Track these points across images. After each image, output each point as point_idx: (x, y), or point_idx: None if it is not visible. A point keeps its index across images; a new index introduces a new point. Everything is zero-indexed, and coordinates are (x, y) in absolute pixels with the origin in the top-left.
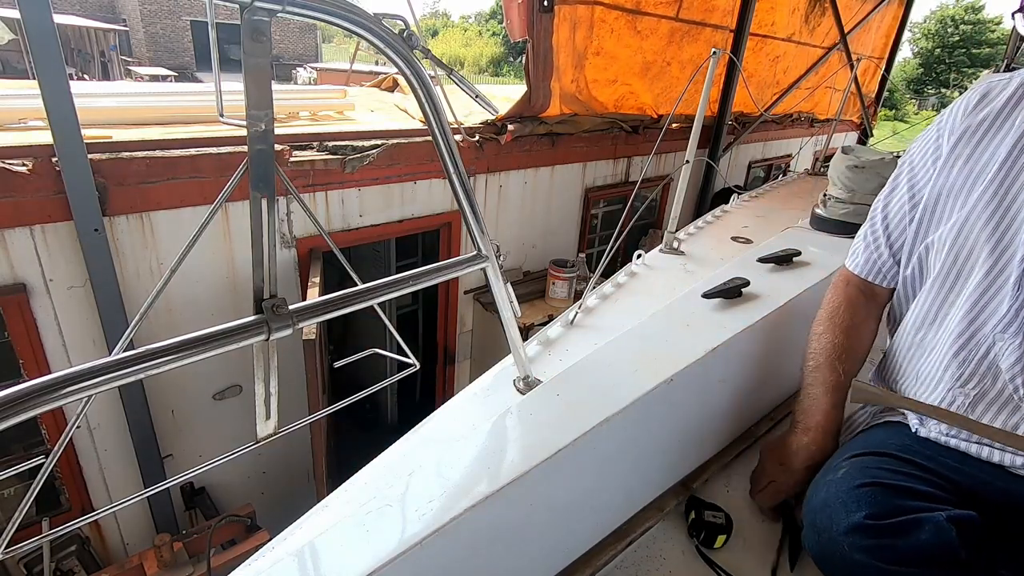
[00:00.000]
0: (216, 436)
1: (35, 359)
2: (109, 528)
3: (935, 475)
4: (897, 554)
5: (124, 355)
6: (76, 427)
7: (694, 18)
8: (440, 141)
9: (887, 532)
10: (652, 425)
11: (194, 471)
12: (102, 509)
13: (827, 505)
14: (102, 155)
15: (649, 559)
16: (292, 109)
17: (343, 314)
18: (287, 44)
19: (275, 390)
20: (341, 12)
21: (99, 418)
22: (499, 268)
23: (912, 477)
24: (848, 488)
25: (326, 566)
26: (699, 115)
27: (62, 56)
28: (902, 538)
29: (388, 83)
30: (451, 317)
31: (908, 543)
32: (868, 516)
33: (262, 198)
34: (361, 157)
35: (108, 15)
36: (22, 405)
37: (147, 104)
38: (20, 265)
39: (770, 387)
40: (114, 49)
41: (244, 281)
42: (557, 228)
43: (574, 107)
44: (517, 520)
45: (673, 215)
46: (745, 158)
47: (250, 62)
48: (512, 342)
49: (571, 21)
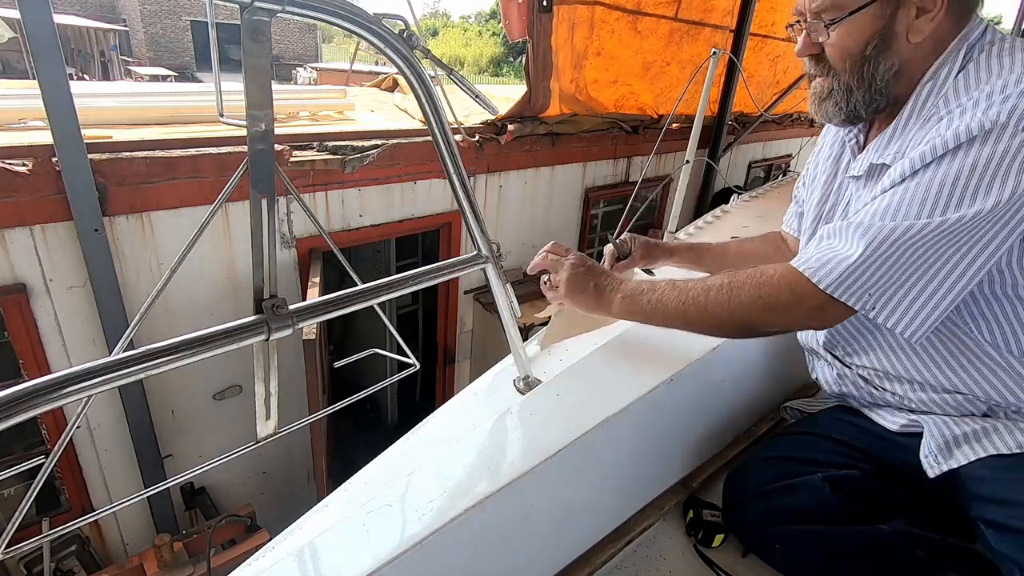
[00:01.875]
0: (216, 436)
1: (35, 359)
2: (109, 528)
3: (844, 445)
4: (784, 513)
5: (124, 355)
6: (76, 427)
7: (693, 18)
8: (440, 141)
9: (775, 494)
10: (652, 425)
11: (194, 471)
12: (102, 509)
13: (739, 472)
14: (102, 155)
15: (649, 559)
16: (292, 109)
17: (343, 314)
18: (287, 44)
19: (275, 390)
20: (341, 12)
21: (99, 418)
22: (499, 268)
23: (816, 449)
24: (756, 460)
25: (326, 566)
26: (699, 115)
27: (62, 56)
28: (781, 498)
29: (388, 83)
30: (451, 317)
31: (788, 502)
32: (759, 483)
33: (262, 198)
34: (361, 157)
35: (108, 15)
36: (22, 405)
37: (147, 104)
38: (20, 265)
39: (770, 387)
40: (114, 49)
41: (244, 281)
42: (557, 228)
43: (574, 107)
44: (517, 520)
45: (673, 215)
46: (745, 158)
47: (250, 62)
48: (512, 342)
49: (570, 21)
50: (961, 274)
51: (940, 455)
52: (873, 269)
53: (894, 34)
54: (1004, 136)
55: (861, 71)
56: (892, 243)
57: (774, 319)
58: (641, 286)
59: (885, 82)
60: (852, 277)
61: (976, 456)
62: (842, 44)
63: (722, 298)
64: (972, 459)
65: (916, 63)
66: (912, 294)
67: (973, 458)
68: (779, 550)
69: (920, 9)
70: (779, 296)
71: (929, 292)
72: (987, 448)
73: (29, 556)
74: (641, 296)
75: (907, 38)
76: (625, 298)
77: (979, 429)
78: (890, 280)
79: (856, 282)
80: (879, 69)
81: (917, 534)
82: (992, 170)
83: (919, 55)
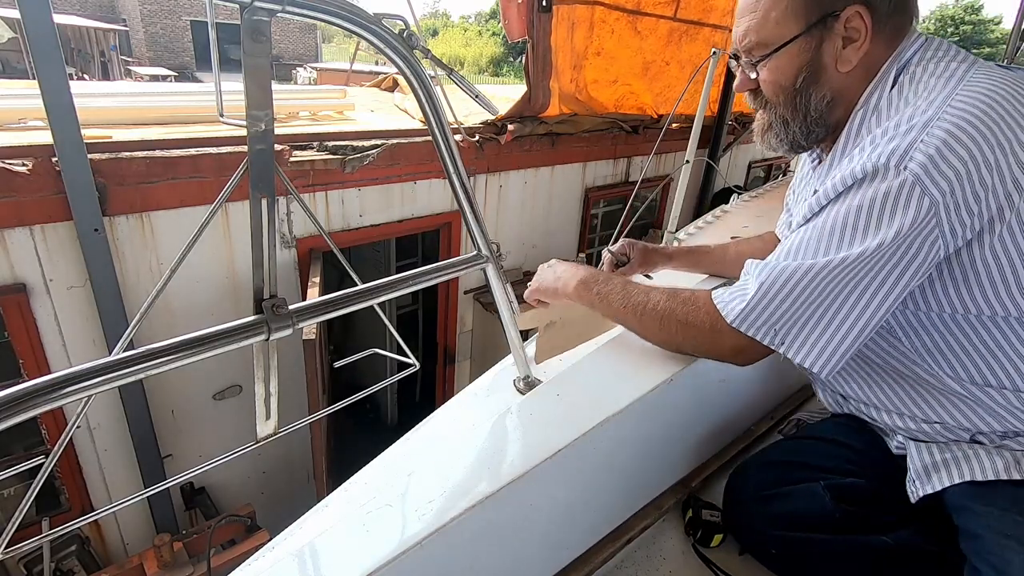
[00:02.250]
0: (216, 436)
1: (35, 359)
2: (109, 528)
3: (849, 450)
4: (783, 518)
5: (124, 355)
6: (76, 427)
7: (691, 18)
8: (440, 141)
9: (776, 499)
10: (652, 425)
11: (194, 471)
12: (102, 509)
13: (741, 473)
14: (102, 155)
15: (649, 558)
16: (292, 109)
17: (343, 314)
18: (287, 44)
19: (275, 390)
20: (341, 12)
21: (99, 418)
22: (499, 268)
23: (819, 454)
24: (759, 462)
25: (326, 566)
26: (699, 115)
27: (62, 56)
28: (781, 503)
29: (388, 83)
30: (451, 317)
31: (788, 508)
32: (761, 486)
33: (262, 198)
34: (361, 157)
35: (108, 15)
36: (22, 405)
37: (147, 104)
38: (20, 265)
39: (770, 387)
40: (114, 49)
41: (244, 281)
42: (557, 228)
43: (574, 107)
44: (517, 520)
45: (673, 215)
46: (745, 158)
47: (250, 62)
48: (512, 342)
49: (569, 21)
50: (862, 311)
51: (919, 480)
52: (764, 305)
53: (823, 65)
54: (887, 177)
55: (794, 103)
56: (784, 282)
57: (696, 344)
58: (598, 276)
59: (819, 112)
60: (754, 313)
61: (951, 482)
62: (773, 79)
63: (657, 311)
64: (947, 484)
65: (851, 90)
66: (817, 330)
67: (948, 484)
68: (776, 555)
69: (846, 39)
70: (699, 322)
71: (833, 329)
72: (963, 474)
73: (29, 556)
74: (594, 285)
75: (836, 68)
76: (580, 283)
77: (960, 455)
78: (791, 316)
79: (758, 318)
80: (811, 100)
81: (916, 547)
82: (877, 211)
83: (852, 83)
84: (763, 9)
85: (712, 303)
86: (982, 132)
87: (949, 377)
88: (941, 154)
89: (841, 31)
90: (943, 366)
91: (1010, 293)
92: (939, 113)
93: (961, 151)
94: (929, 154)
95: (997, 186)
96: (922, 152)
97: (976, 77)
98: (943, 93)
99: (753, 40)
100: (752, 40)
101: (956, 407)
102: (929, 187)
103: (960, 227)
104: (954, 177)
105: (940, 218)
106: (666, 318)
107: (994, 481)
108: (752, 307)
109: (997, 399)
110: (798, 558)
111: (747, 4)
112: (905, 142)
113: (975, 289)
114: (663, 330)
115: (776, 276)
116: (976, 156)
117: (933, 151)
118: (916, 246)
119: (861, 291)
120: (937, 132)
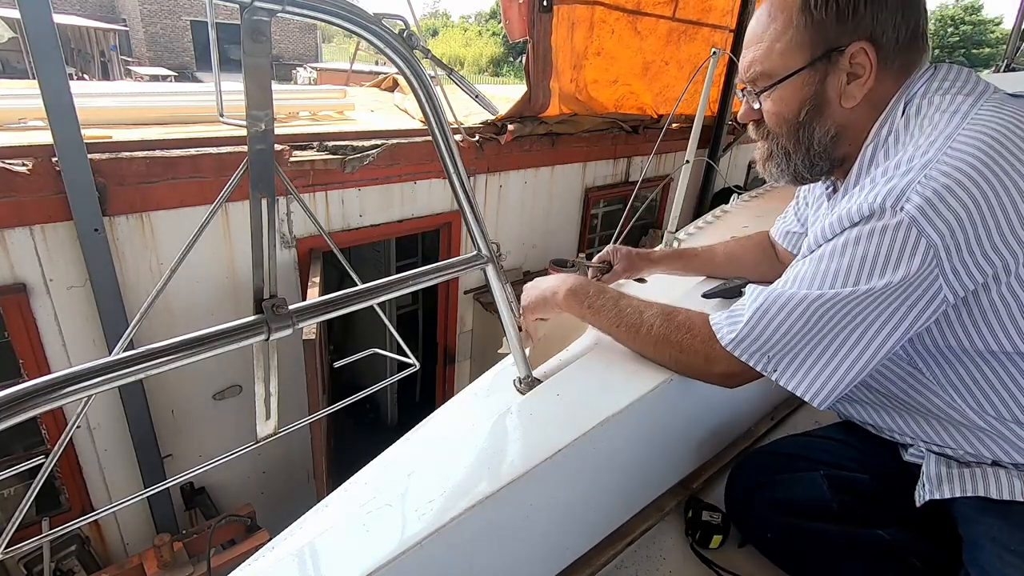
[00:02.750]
0: (216, 436)
1: (35, 359)
2: (109, 528)
3: (852, 449)
4: (780, 504)
5: (124, 355)
6: (76, 427)
7: (690, 17)
8: (440, 141)
9: (776, 485)
10: (652, 425)
11: (194, 471)
12: (102, 509)
13: (744, 462)
14: (102, 155)
15: (649, 559)
16: (292, 109)
17: (343, 314)
18: (287, 44)
19: (275, 390)
20: (341, 12)
21: (99, 418)
22: (499, 268)
23: (822, 450)
24: (762, 454)
25: (326, 566)
26: (699, 115)
27: (62, 56)
28: (781, 489)
29: (388, 83)
30: (451, 317)
31: (786, 494)
32: (762, 472)
33: (262, 198)
34: (361, 157)
35: (108, 15)
36: (22, 405)
37: (147, 104)
38: (20, 265)
39: (771, 387)
40: (114, 49)
41: (244, 281)
42: (557, 228)
43: (574, 107)
44: (517, 520)
45: (673, 215)
46: (745, 158)
47: (250, 62)
48: (512, 342)
49: (569, 21)
50: (864, 348)
51: (929, 484)
52: (760, 331)
53: (826, 100)
54: (883, 217)
55: (797, 135)
56: (780, 308)
57: (692, 370)
58: (587, 288)
59: (823, 146)
60: (748, 339)
61: (963, 493)
62: (776, 110)
63: (652, 336)
64: (959, 495)
65: (856, 126)
66: (819, 362)
67: (960, 494)
68: (773, 541)
69: (851, 75)
70: (695, 350)
71: (836, 363)
72: (978, 489)
73: (29, 556)
74: (584, 298)
75: (840, 103)
76: (570, 292)
77: (980, 473)
78: (786, 344)
79: (753, 343)
80: (815, 134)
81: (915, 544)
82: (884, 252)
83: (857, 118)
84: (768, 40)
85: (709, 328)
86: (984, 174)
87: (972, 411)
88: (940, 196)
89: (846, 66)
90: (968, 400)
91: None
92: (938, 156)
93: (961, 194)
94: (927, 196)
95: (1005, 230)
96: (919, 194)
97: (981, 113)
98: (945, 132)
99: (758, 70)
100: (757, 71)
101: (979, 439)
102: (926, 228)
103: (964, 269)
104: (954, 220)
105: (940, 259)
106: (660, 343)
107: (1009, 501)
108: (747, 332)
109: (1020, 434)
110: (796, 546)
111: (754, 35)
112: (903, 183)
113: (995, 325)
114: (658, 354)
115: (772, 302)
116: (979, 200)
117: (931, 193)
118: (922, 290)
119: (865, 328)
120: (935, 175)
